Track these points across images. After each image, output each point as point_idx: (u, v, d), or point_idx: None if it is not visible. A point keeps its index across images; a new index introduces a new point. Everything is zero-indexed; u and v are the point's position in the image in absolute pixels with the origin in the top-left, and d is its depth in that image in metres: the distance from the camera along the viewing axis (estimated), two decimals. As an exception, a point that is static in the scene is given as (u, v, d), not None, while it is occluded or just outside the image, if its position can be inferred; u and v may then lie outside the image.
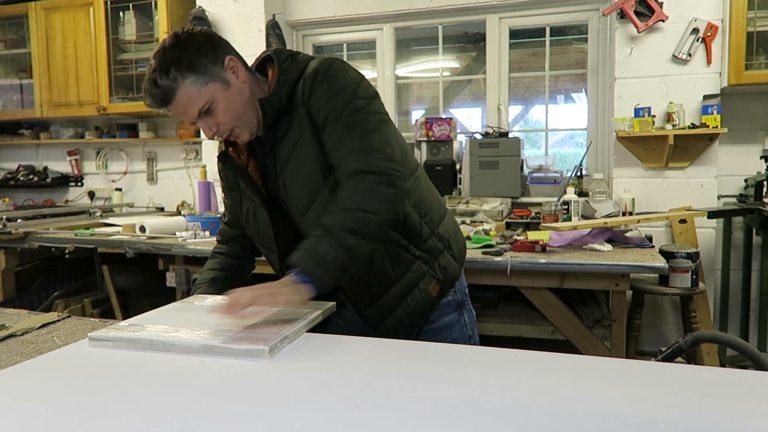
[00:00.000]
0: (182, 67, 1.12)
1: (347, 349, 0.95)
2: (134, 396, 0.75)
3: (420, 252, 1.26)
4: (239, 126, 1.21)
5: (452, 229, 1.35)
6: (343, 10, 3.43)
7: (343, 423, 0.66)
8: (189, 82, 1.13)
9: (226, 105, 1.17)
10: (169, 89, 1.13)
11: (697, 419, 0.65)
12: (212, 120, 1.18)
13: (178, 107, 1.16)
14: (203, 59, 1.15)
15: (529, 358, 0.89)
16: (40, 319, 1.23)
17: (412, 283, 1.26)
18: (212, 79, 1.15)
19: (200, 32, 1.19)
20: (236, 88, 1.19)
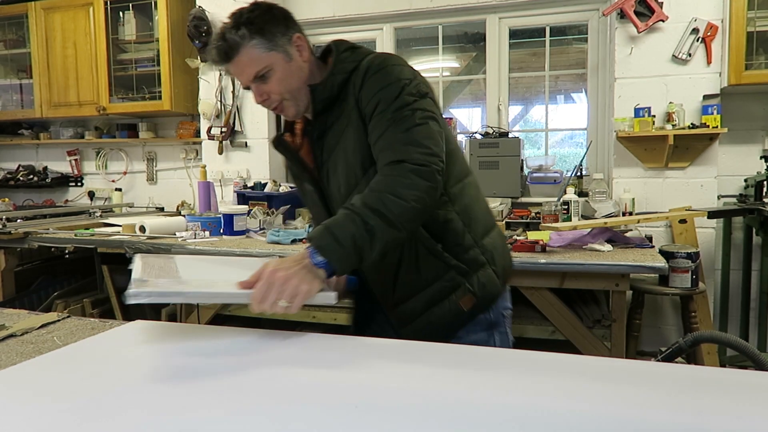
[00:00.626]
0: (253, 28, 1.16)
1: (348, 349, 0.95)
2: (134, 396, 0.75)
3: (456, 261, 1.20)
4: (288, 99, 1.23)
5: (499, 244, 1.29)
6: (343, 10, 3.43)
7: (343, 423, 0.66)
8: (254, 43, 1.17)
9: (282, 75, 1.20)
10: (234, 44, 1.17)
11: (697, 419, 0.65)
12: (265, 87, 1.21)
13: (237, 65, 1.19)
14: (274, 28, 1.19)
15: (529, 358, 0.89)
16: (40, 319, 1.23)
17: (443, 293, 1.21)
18: (276, 47, 1.19)
19: (279, 7, 1.23)
20: (296, 63, 1.22)
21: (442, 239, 1.20)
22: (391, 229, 1.05)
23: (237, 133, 3.50)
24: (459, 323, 1.23)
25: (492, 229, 1.29)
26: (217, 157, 3.53)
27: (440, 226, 1.19)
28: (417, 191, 1.06)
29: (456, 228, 1.20)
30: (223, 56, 1.18)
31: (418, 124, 1.12)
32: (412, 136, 1.11)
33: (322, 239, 1.02)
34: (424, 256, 1.20)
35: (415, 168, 1.07)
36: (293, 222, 2.70)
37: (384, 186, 1.07)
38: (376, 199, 1.05)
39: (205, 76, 3.51)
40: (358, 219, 1.03)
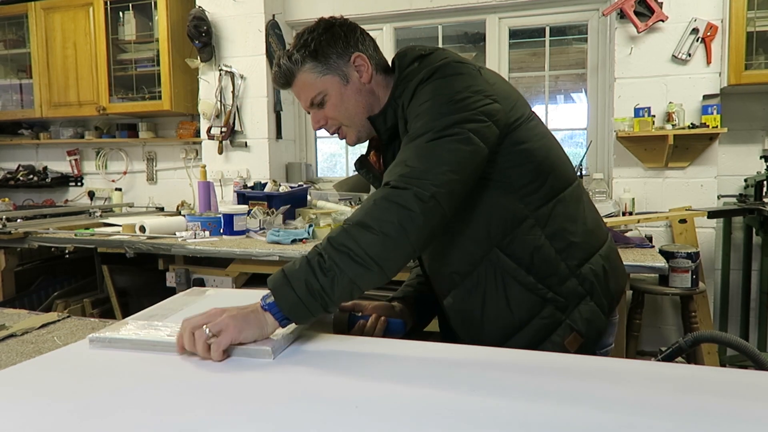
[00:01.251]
0: (307, 51, 1.11)
1: (348, 349, 0.95)
2: (134, 396, 0.75)
3: (553, 294, 1.04)
4: (348, 125, 1.16)
5: (601, 269, 1.08)
6: (343, 10, 3.43)
7: (343, 423, 0.66)
8: (308, 68, 1.12)
9: (337, 101, 1.13)
10: (288, 72, 1.13)
11: (697, 419, 0.65)
12: (321, 112, 1.15)
13: (296, 90, 1.15)
14: (330, 49, 1.12)
15: (529, 358, 0.89)
16: (40, 319, 1.23)
17: (543, 333, 1.04)
18: (331, 71, 1.12)
19: (341, 23, 1.16)
20: (354, 86, 1.13)
21: (533, 270, 1.04)
22: (358, 266, 0.89)
23: (237, 133, 3.50)
24: None
25: (596, 251, 1.10)
26: (217, 157, 3.53)
27: (529, 254, 1.03)
28: (389, 221, 0.90)
29: (548, 256, 1.04)
30: (283, 84, 1.15)
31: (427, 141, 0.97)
32: (409, 154, 0.97)
33: (275, 283, 0.92)
34: (516, 291, 1.04)
35: (392, 192, 0.92)
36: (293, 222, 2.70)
37: (355, 215, 0.94)
38: (342, 232, 0.92)
39: (205, 76, 3.51)
40: (316, 259, 0.90)
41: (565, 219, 1.07)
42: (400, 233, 0.90)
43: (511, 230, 1.04)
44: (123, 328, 0.99)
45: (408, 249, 0.92)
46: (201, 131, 3.59)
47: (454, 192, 0.95)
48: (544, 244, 1.04)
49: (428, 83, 1.04)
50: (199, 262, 2.46)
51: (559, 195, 1.07)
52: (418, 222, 0.91)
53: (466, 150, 0.96)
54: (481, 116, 0.99)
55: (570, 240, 1.06)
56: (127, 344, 0.94)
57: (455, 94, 1.00)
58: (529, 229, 1.04)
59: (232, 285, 2.36)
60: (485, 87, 1.04)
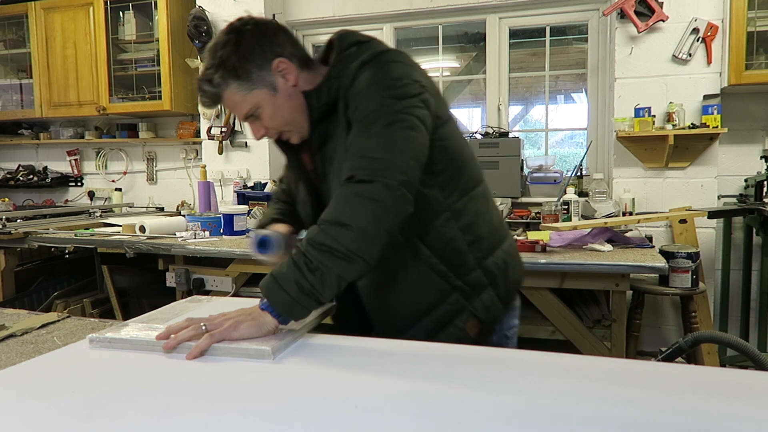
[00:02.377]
0: (227, 72, 1.09)
1: (347, 349, 0.95)
2: (135, 396, 0.75)
3: (461, 283, 1.11)
4: (288, 130, 1.17)
5: (504, 262, 1.17)
6: (343, 9, 3.43)
7: (343, 423, 0.66)
8: (233, 88, 1.11)
9: (272, 111, 1.13)
10: (214, 95, 1.12)
11: (697, 419, 0.65)
12: (259, 123, 1.15)
13: (227, 107, 1.16)
14: (249, 64, 1.10)
15: (529, 358, 0.89)
16: (40, 319, 1.23)
17: (447, 318, 1.11)
18: (257, 85, 1.11)
19: (252, 29, 1.12)
20: (284, 93, 1.12)
21: (445, 259, 1.11)
22: (342, 261, 0.95)
23: (237, 133, 3.50)
24: None
25: (498, 246, 1.18)
26: (217, 157, 3.53)
27: (444, 245, 1.10)
28: (363, 215, 0.95)
29: (459, 247, 1.11)
30: (211, 105, 1.15)
31: (385, 133, 1.00)
32: (369, 147, 1.00)
33: (267, 287, 0.97)
34: (429, 278, 1.11)
35: (359, 187, 0.97)
36: (293, 222, 2.70)
37: (328, 214, 0.98)
38: (320, 232, 0.97)
39: (205, 76, 3.50)
40: (302, 260, 0.95)
41: (475, 214, 1.14)
42: (376, 225, 0.96)
43: (431, 221, 1.10)
44: (123, 329, 0.99)
45: (385, 237, 0.98)
46: (201, 131, 3.59)
47: (416, 178, 1.02)
48: (457, 236, 1.11)
49: (369, 68, 1.07)
50: (199, 262, 2.47)
51: (471, 192, 1.15)
52: (391, 212, 0.96)
53: (417, 136, 1.02)
54: (421, 104, 1.05)
55: (479, 234, 1.14)
56: (126, 344, 0.94)
57: (396, 80, 1.04)
58: (445, 221, 1.10)
59: (232, 285, 2.36)
60: (421, 78, 1.09)
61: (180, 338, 0.92)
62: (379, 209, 0.96)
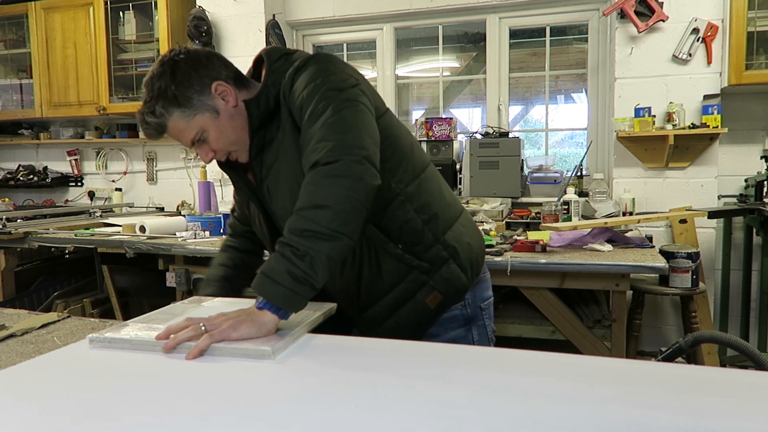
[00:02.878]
0: (168, 101, 1.12)
1: (347, 349, 0.95)
2: (135, 396, 0.75)
3: (418, 261, 1.17)
4: (235, 149, 1.20)
5: (462, 235, 1.23)
6: (343, 10, 3.43)
7: (343, 423, 0.66)
8: (176, 116, 1.13)
9: (217, 134, 1.16)
10: (159, 125, 1.15)
11: (697, 419, 0.65)
12: (207, 147, 1.18)
13: (172, 136, 1.18)
14: (188, 90, 1.13)
15: (529, 358, 0.89)
16: (40, 319, 1.23)
17: (407, 294, 1.18)
18: (199, 110, 1.14)
19: (185, 58, 1.15)
20: (226, 114, 1.16)
21: (401, 240, 1.16)
22: (327, 242, 0.96)
23: (237, 133, 3.50)
24: (427, 321, 1.21)
25: (455, 221, 1.24)
26: (217, 157, 3.52)
27: (399, 228, 1.16)
28: (337, 192, 0.98)
29: (415, 227, 1.16)
30: (156, 136, 1.17)
31: (339, 118, 1.03)
32: (329, 132, 1.02)
33: (260, 285, 0.97)
34: (385, 260, 1.16)
35: (331, 168, 0.99)
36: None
37: (303, 201, 0.99)
38: (299, 219, 0.98)
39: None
40: (288, 250, 0.96)
41: (428, 194, 1.20)
42: (351, 200, 0.98)
43: (384, 207, 1.14)
44: (123, 329, 1.00)
45: (362, 211, 1.01)
46: (201, 131, 3.59)
47: (375, 153, 1.05)
48: (412, 217, 1.16)
49: (305, 69, 1.12)
50: (199, 262, 2.46)
51: (421, 175, 1.21)
52: (361, 185, 0.99)
53: (367, 115, 1.08)
54: (361, 93, 1.10)
55: (434, 211, 1.19)
56: (126, 344, 0.94)
57: (333, 75, 1.10)
58: (399, 205, 1.15)
59: (232, 285, 2.35)
60: (353, 74, 1.15)
61: (179, 338, 0.92)
62: (350, 184, 0.98)
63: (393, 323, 1.20)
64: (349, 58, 3.65)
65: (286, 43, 3.47)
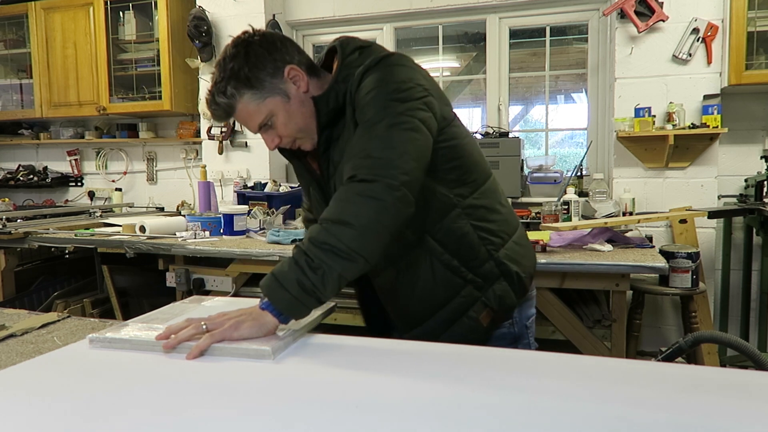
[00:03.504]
0: (240, 82, 1.10)
1: (347, 349, 0.95)
2: (135, 396, 0.75)
3: (473, 276, 1.14)
4: (301, 137, 1.18)
5: (515, 254, 1.20)
6: (343, 9, 3.43)
7: (343, 423, 0.66)
8: (247, 98, 1.12)
9: (285, 119, 1.14)
10: (228, 106, 1.13)
11: (697, 419, 0.65)
12: (273, 132, 1.16)
13: (240, 120, 1.16)
14: (261, 73, 1.11)
15: (529, 358, 0.89)
16: (40, 319, 1.23)
17: (461, 310, 1.15)
18: (271, 93, 1.12)
19: (260, 40, 1.13)
20: (297, 99, 1.14)
21: (458, 254, 1.14)
22: (343, 260, 0.95)
23: (237, 133, 3.50)
24: (478, 339, 1.14)
25: (509, 237, 1.21)
26: (217, 157, 3.53)
27: (456, 241, 1.13)
28: (365, 213, 0.96)
29: (471, 241, 1.14)
30: (224, 117, 1.16)
31: (384, 131, 1.01)
32: (370, 147, 1.01)
33: (267, 287, 0.96)
34: (442, 273, 1.14)
35: (361, 186, 0.97)
36: (293, 222, 2.70)
37: (330, 213, 0.98)
38: (322, 231, 0.97)
39: (206, 76, 3.50)
40: (303, 259, 0.95)
41: (486, 209, 1.18)
42: (378, 224, 0.97)
43: (441, 218, 1.13)
44: (123, 329, 1.00)
45: (386, 237, 0.99)
46: (201, 131, 3.59)
47: (418, 179, 1.03)
48: (469, 231, 1.14)
49: (374, 71, 1.09)
50: (199, 262, 2.46)
51: (481, 187, 1.18)
52: (392, 211, 0.97)
53: (420, 138, 1.04)
54: (424, 107, 1.06)
55: (490, 228, 1.17)
56: (126, 344, 0.94)
57: (401, 83, 1.06)
58: (456, 217, 1.13)
59: (232, 285, 2.36)
60: (424, 82, 1.10)
61: (180, 338, 0.92)
62: (380, 208, 0.97)
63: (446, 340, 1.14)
64: (349, 58, 3.65)
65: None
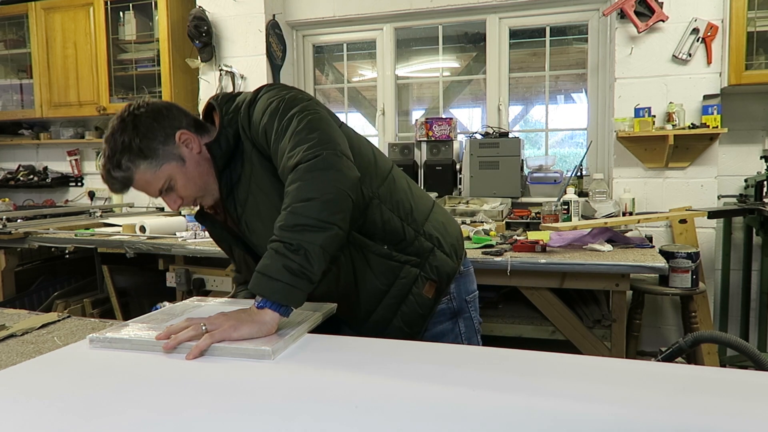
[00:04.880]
0: (133, 154, 1.12)
1: (347, 349, 0.95)
2: (135, 395, 0.75)
3: (406, 256, 1.21)
4: (201, 195, 1.22)
5: (440, 223, 1.29)
6: (343, 10, 3.43)
7: (343, 423, 0.66)
8: (143, 168, 1.14)
9: (184, 181, 1.18)
10: (125, 179, 1.15)
11: (697, 419, 0.65)
12: (174, 195, 1.19)
13: (139, 188, 1.18)
14: (152, 142, 1.14)
15: (529, 358, 0.89)
16: (40, 319, 1.23)
17: (405, 290, 1.21)
18: (165, 159, 1.15)
19: (145, 111, 1.16)
20: (192, 161, 1.18)
21: (386, 240, 1.20)
22: (319, 233, 0.97)
23: (237, 133, 3.50)
24: (428, 313, 1.24)
25: (430, 212, 1.29)
26: (217, 157, 3.52)
27: (380, 229, 1.19)
28: (323, 184, 1.00)
29: (395, 226, 1.20)
30: (122, 189, 1.17)
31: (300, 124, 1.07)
32: (295, 139, 1.05)
33: (257, 285, 0.97)
34: (377, 262, 1.19)
35: (308, 165, 1.01)
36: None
37: (290, 199, 1.00)
38: (288, 215, 0.98)
39: (206, 76, 3.50)
40: (281, 246, 0.96)
41: (399, 192, 1.24)
42: (338, 190, 1.01)
43: (363, 212, 1.17)
44: (123, 329, 1.00)
45: (349, 200, 1.03)
46: (201, 131, 3.59)
47: (347, 147, 1.09)
48: (390, 217, 1.20)
49: (259, 99, 1.16)
50: (199, 262, 2.46)
51: (388, 176, 1.25)
52: (344, 174, 1.02)
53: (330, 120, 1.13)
54: (317, 106, 1.14)
55: (408, 207, 1.24)
56: (126, 344, 0.94)
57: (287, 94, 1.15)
58: (375, 207, 1.19)
59: (232, 285, 2.35)
60: (305, 93, 1.20)
61: (180, 338, 0.92)
62: (334, 175, 1.01)
63: (398, 322, 1.22)
64: (349, 58, 3.66)
65: (286, 43, 3.47)
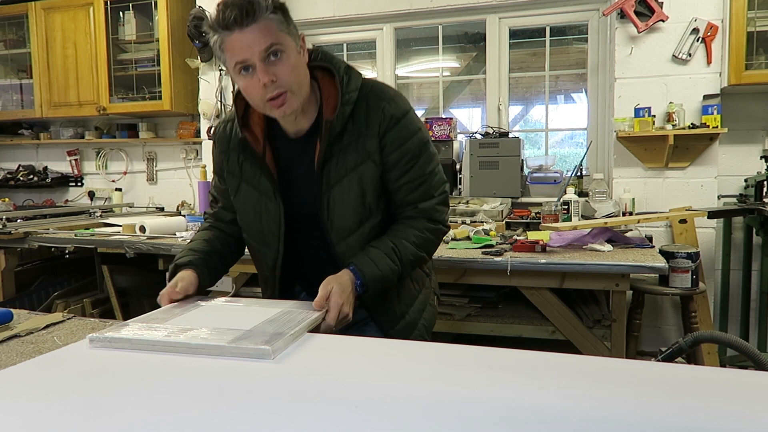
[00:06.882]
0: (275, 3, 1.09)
1: (348, 349, 0.95)
2: (135, 395, 0.75)
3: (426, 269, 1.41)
4: (294, 93, 1.13)
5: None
6: (343, 10, 3.43)
7: (343, 423, 0.66)
8: (275, 18, 1.08)
9: (294, 62, 1.12)
10: (258, 6, 1.06)
11: (697, 419, 0.65)
12: (273, 68, 1.09)
13: (251, 33, 1.06)
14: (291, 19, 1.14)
15: (529, 358, 0.89)
16: (44, 320, 1.23)
17: (426, 297, 1.39)
18: (291, 33, 1.12)
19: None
20: (303, 60, 1.16)
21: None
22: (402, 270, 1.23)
23: (237, 133, 3.50)
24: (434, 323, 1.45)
25: None
26: (217, 157, 3.52)
27: None
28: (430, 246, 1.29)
29: None
30: (241, 15, 1.04)
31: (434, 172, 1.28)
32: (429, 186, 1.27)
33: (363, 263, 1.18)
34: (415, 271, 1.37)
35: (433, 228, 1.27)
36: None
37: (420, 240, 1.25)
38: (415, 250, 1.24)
39: (206, 76, 3.51)
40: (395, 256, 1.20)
41: None
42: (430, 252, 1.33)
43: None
44: (123, 329, 1.00)
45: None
46: (201, 131, 3.59)
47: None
48: None
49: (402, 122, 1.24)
50: (199, 262, 2.46)
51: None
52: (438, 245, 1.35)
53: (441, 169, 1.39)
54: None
55: None
56: (126, 344, 0.94)
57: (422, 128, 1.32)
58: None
59: (232, 285, 2.36)
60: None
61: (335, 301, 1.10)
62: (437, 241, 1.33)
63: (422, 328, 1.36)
64: (349, 58, 3.65)
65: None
